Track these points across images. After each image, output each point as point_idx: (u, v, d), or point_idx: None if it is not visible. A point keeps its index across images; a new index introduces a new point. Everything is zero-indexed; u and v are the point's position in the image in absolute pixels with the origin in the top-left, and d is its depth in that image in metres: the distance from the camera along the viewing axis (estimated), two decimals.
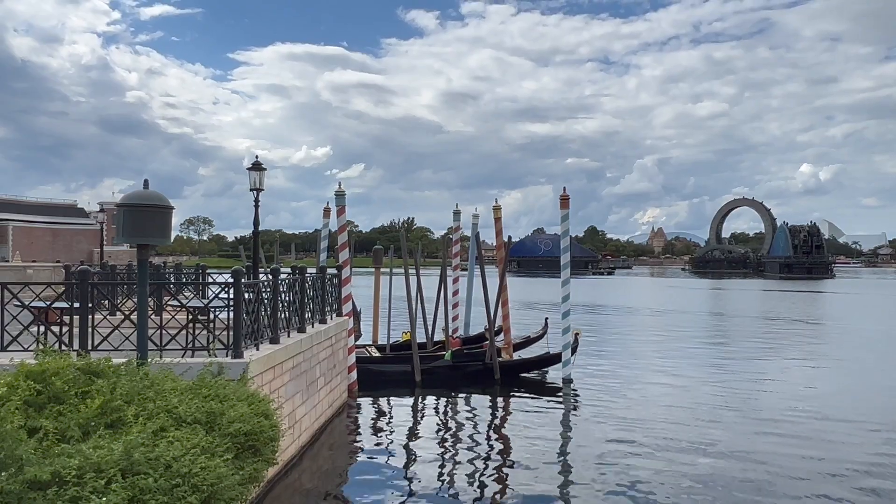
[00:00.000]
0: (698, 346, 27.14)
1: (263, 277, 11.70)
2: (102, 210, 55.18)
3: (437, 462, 11.46)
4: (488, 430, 14.04)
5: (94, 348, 8.73)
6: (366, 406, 15.97)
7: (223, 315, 10.10)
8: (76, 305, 9.03)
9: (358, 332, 19.02)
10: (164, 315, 10.30)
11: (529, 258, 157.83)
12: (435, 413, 15.79)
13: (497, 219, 22.06)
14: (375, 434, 13.62)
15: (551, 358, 19.43)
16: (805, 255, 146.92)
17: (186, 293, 15.51)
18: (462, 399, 16.94)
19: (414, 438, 13.16)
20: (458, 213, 24.32)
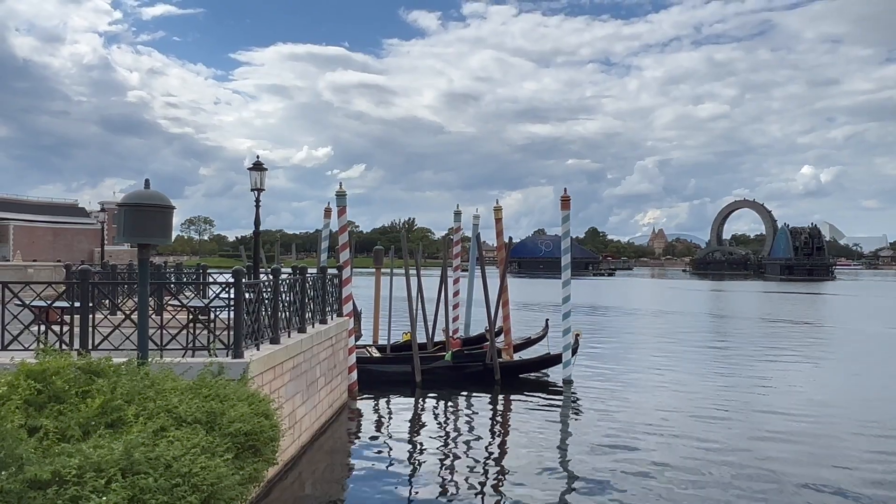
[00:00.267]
0: (699, 348, 27.13)
1: (264, 277, 11.71)
2: (103, 210, 55.17)
3: (438, 463, 11.46)
4: (488, 431, 14.03)
5: (95, 348, 8.74)
6: (366, 406, 15.97)
7: (224, 315, 10.10)
8: (77, 305, 9.04)
9: (358, 333, 19.03)
10: (165, 315, 10.32)
11: (530, 259, 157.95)
12: (435, 414, 15.79)
13: (498, 219, 22.07)
14: (375, 434, 13.62)
15: (552, 359, 19.43)
16: (806, 257, 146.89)
17: (187, 293, 15.52)
18: (462, 400, 16.94)
19: (414, 439, 13.17)
20: (459, 214, 24.37)
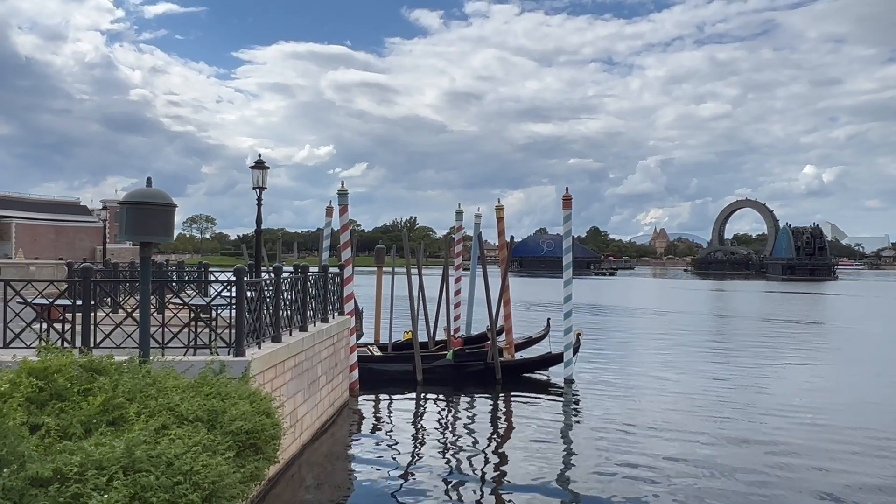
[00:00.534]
0: (700, 348, 27.10)
1: (266, 276, 11.72)
2: (105, 208, 55.18)
3: (438, 461, 11.46)
4: (489, 430, 14.03)
5: (97, 346, 8.75)
6: (367, 405, 15.98)
7: (225, 313, 10.11)
8: (79, 303, 9.05)
9: (359, 331, 19.04)
10: (167, 313, 10.33)
11: (532, 258, 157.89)
12: (436, 412, 15.79)
13: (499, 219, 22.07)
14: (377, 433, 13.62)
15: (553, 358, 19.43)
16: (808, 257, 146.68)
17: (189, 291, 15.53)
18: (463, 399, 16.94)
19: (415, 437, 13.17)
20: (461, 213, 24.36)
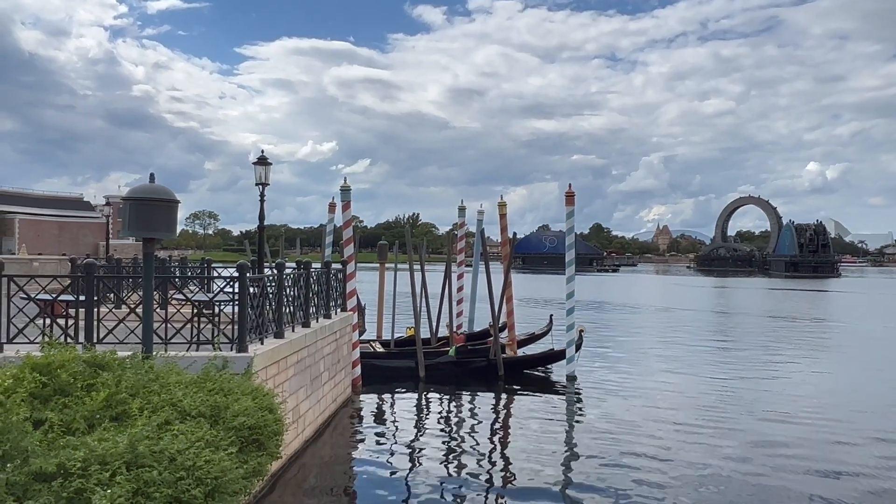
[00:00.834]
0: (703, 345, 27.07)
1: (268, 272, 11.72)
2: (108, 203, 54.99)
3: (440, 457, 11.47)
4: (491, 427, 14.04)
5: (100, 341, 8.77)
6: (369, 401, 15.99)
7: (228, 309, 10.13)
8: (82, 298, 9.07)
9: (362, 328, 19.04)
10: (170, 309, 10.33)
11: (534, 255, 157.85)
12: (438, 409, 15.81)
13: (502, 215, 22.04)
14: (379, 429, 13.63)
15: (555, 355, 19.42)
16: (811, 254, 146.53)
17: (191, 287, 15.54)
18: (465, 395, 16.94)
19: (417, 434, 13.18)
20: (464, 210, 24.34)
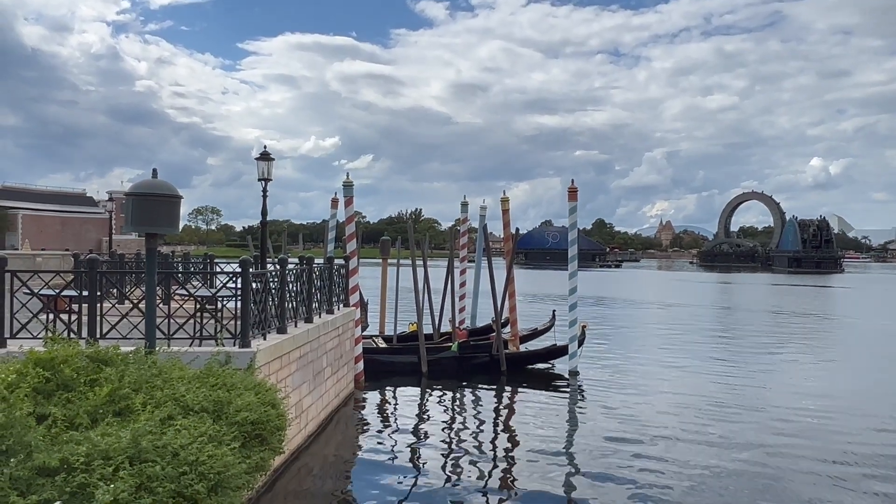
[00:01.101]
0: (705, 340, 27.05)
1: (271, 267, 11.72)
2: (111, 199, 55.10)
3: (443, 453, 11.48)
4: (494, 422, 14.05)
5: (103, 336, 8.77)
6: (372, 396, 16.01)
7: (231, 304, 10.13)
8: (85, 294, 9.07)
9: (364, 323, 19.05)
10: (173, 304, 10.34)
11: (537, 250, 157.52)
12: (441, 404, 15.82)
13: (505, 211, 22.02)
14: (381, 424, 13.65)
15: (558, 350, 19.41)
16: (814, 250, 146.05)
17: (195, 282, 15.56)
18: (468, 390, 16.96)
19: (420, 429, 13.18)
20: (466, 205, 24.35)
